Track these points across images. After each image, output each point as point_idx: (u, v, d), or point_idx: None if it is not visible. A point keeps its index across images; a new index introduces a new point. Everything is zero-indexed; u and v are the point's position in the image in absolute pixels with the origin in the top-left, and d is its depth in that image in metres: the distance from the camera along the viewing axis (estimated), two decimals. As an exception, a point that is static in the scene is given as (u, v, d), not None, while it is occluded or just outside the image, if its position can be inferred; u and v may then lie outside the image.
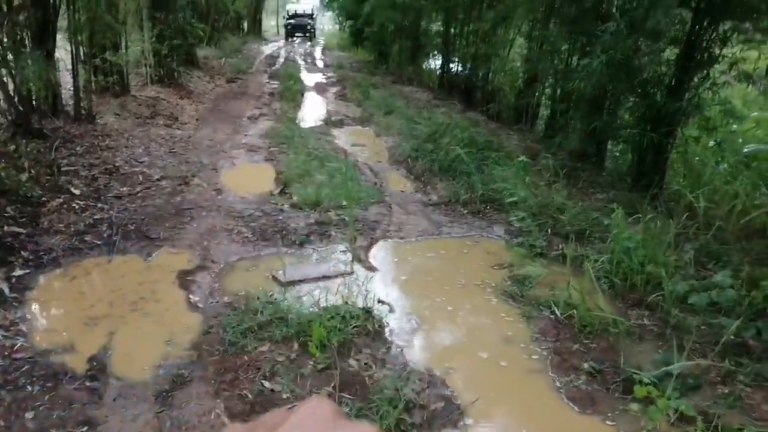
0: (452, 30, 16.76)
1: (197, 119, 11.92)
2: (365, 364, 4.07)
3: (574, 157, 9.29)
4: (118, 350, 4.21)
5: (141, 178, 8.05)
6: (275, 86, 17.08)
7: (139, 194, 7.40)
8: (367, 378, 3.92)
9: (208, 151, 9.67)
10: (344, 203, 7.03)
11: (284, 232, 6.22)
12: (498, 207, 7.19)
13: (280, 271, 5.33)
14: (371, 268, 5.54)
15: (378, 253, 5.90)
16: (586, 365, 4.16)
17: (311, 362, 4.06)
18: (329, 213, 6.74)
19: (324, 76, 20.49)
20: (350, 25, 29.99)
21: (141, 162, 8.74)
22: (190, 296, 4.93)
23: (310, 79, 19.45)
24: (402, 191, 8.09)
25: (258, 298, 4.87)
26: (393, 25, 19.46)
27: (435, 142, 9.54)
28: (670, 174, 8.58)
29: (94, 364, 4.03)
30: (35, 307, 4.70)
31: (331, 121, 12.42)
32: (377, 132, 11.62)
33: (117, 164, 8.47)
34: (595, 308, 4.66)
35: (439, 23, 17.76)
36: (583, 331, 4.55)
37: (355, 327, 4.41)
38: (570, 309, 4.72)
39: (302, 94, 15.67)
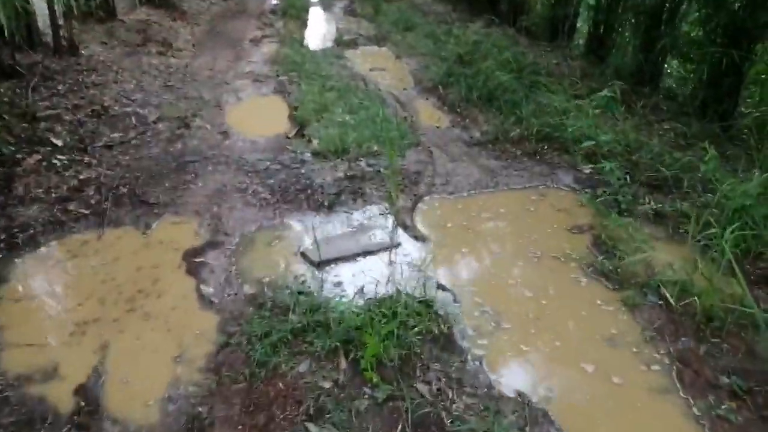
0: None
1: (194, 44, 10.46)
2: (438, 390, 3.04)
3: (626, 78, 7.90)
4: (114, 375, 3.19)
5: (134, 120, 6.83)
6: (276, 1, 15.34)
7: (133, 141, 6.22)
8: (444, 413, 2.90)
9: (209, 83, 8.36)
10: (375, 148, 5.83)
11: (309, 190, 5.07)
12: (558, 146, 5.98)
13: (311, 246, 4.24)
14: (421, 237, 4.44)
15: (425, 216, 4.78)
16: (726, 380, 3.13)
17: (367, 390, 3.03)
18: (360, 163, 5.56)
19: (328, -12, 18.54)
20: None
21: (133, 100, 7.48)
22: (202, 286, 3.87)
23: (313, -9, 17.53)
24: (437, 127, 6.85)
25: (288, 288, 3.81)
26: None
27: (469, 65, 8.16)
28: (746, 100, 7.26)
29: (84, 400, 3.02)
30: (6, 311, 3.65)
31: (343, 42, 10.92)
32: (397, 53, 10.19)
33: (106, 104, 7.22)
34: (725, 296, 3.57)
35: None
36: (708, 325, 3.49)
37: (416, 330, 3.35)
38: (687, 294, 3.65)
39: (306, 11, 13.99)
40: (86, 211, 4.74)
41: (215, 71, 8.95)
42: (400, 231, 4.52)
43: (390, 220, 4.64)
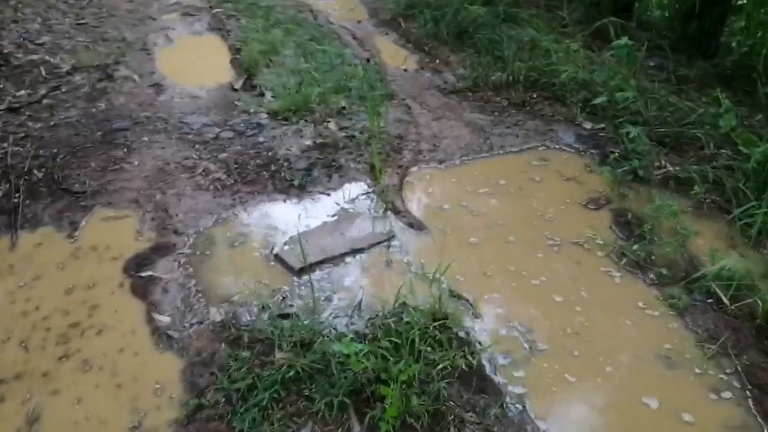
0: None
1: (107, -32, 8.80)
2: (483, 457, 2.35)
3: (605, 6, 7.06)
4: (49, 466, 2.32)
5: (43, 71, 5.55)
6: None
7: (45, 101, 5.01)
8: (497, 495, 2.22)
9: (131, 18, 6.99)
10: (343, 104, 4.87)
11: (272, 166, 4.12)
12: (549, 95, 5.18)
13: (286, 246, 3.37)
14: (417, 225, 3.63)
15: (417, 194, 3.95)
16: (812, 409, 2.57)
17: (394, 468, 2.30)
18: (329, 125, 4.61)
19: None
20: None
21: (40, 44, 6.11)
22: (154, 315, 2.96)
23: None
24: (405, 70, 5.90)
25: (265, 310, 2.96)
26: None
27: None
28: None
29: None
30: None
31: (280, -36, 9.49)
32: (344, -23, 8.90)
33: (5, 50, 5.85)
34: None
35: None
36: (774, 331, 2.92)
37: (440, 367, 2.61)
38: (743, 294, 3.05)
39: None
40: (-10, 208, 3.66)
41: (136, 3, 7.52)
42: (390, 217, 3.69)
43: (376, 202, 3.79)
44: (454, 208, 3.79)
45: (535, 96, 5.19)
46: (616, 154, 4.24)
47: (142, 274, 3.20)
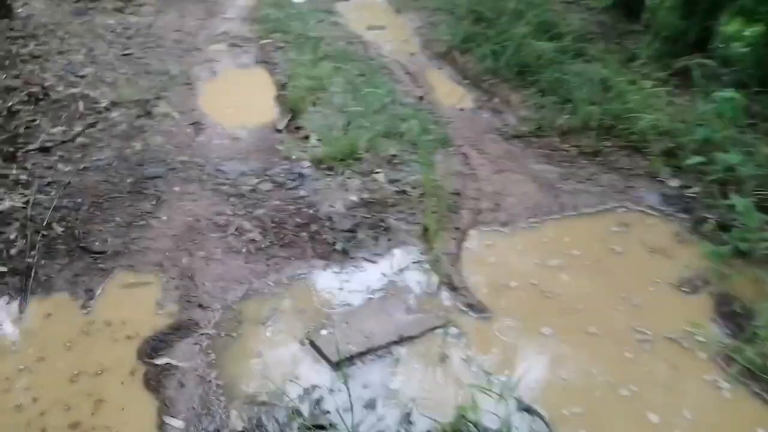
0: None
1: (158, -4, 8.59)
2: None
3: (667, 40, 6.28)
4: None
5: (82, 106, 5.22)
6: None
7: (78, 140, 4.66)
8: None
9: (177, 49, 6.66)
10: (393, 152, 4.34)
11: (313, 226, 3.61)
12: (625, 143, 4.54)
13: (323, 331, 2.83)
14: (478, 307, 3.04)
15: (477, 265, 3.37)
16: None
17: None
18: (377, 176, 4.08)
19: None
20: None
21: (82, 77, 5.81)
22: (167, 420, 2.45)
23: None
24: (461, 110, 5.34)
25: (295, 416, 2.42)
26: None
27: (489, 24, 6.55)
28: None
29: None
30: None
31: (331, -10, 9.10)
32: (396, 5, 8.46)
33: (46, 84, 5.58)
34: None
35: None
36: None
37: None
38: None
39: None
40: (2, 268, 3.25)
41: (184, 32, 7.22)
42: (446, 295, 3.11)
43: (430, 275, 3.22)
44: (521, 286, 3.19)
45: (609, 144, 4.55)
46: (713, 222, 3.56)
47: (158, 362, 2.70)
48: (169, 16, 7.76)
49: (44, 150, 4.53)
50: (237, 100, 5.55)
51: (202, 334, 2.86)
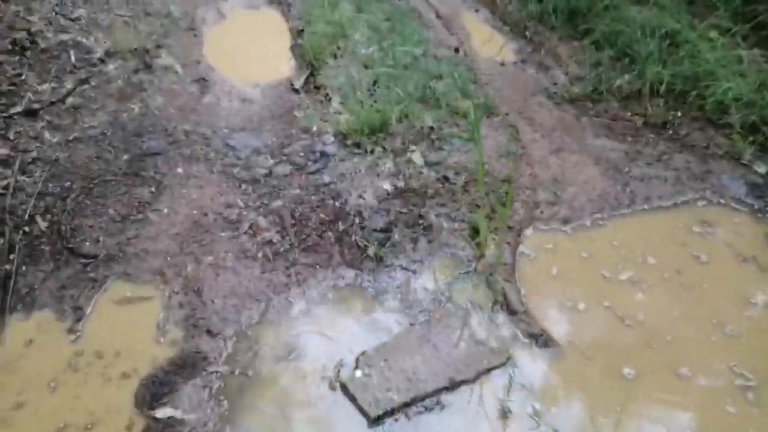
0: None
1: None
2: None
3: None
4: None
5: (73, 56, 4.50)
6: None
7: (69, 100, 3.99)
8: None
9: (179, -16, 5.77)
10: (429, 123, 3.64)
11: (340, 223, 2.99)
12: (699, 114, 3.81)
13: (358, 372, 2.29)
14: (542, 339, 2.47)
15: (537, 279, 2.76)
16: None
17: None
18: (412, 156, 3.40)
19: None
20: None
21: (74, 19, 5.02)
22: (171, 497, 1.96)
23: None
24: (502, 65, 4.57)
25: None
26: None
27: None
28: None
29: None
30: None
31: None
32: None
33: (34, 29, 4.79)
34: None
35: None
36: None
37: None
38: None
39: None
40: (-25, 277, 2.69)
41: (187, -38, 6.28)
42: (502, 317, 2.53)
43: (482, 291, 2.64)
44: (592, 309, 2.60)
45: (679, 115, 3.81)
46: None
47: (159, 415, 2.18)
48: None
49: (30, 114, 3.87)
50: (247, 49, 4.78)
51: (212, 373, 2.33)
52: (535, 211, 3.07)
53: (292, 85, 4.24)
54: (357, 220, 2.98)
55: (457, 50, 4.69)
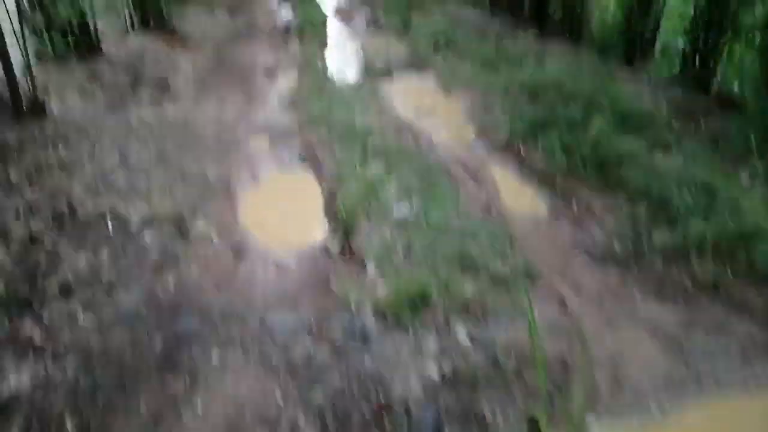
0: None
1: (195, 82, 8.05)
2: None
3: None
4: None
5: (110, 227, 4.52)
6: (288, 13, 12.78)
7: (103, 276, 3.92)
8: None
9: (215, 145, 6.02)
10: (469, 295, 3.48)
11: (385, 419, 2.73)
12: (750, 270, 3.60)
13: None
14: None
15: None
16: None
17: None
18: (457, 335, 3.21)
19: (341, -8, 15.91)
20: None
21: (113, 187, 5.14)
22: None
23: (326, -2, 14.93)
24: (535, 223, 4.48)
25: None
26: None
27: (558, 105, 5.74)
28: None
29: None
30: None
31: (374, 70, 8.44)
32: (444, 84, 7.74)
33: (73, 198, 4.90)
34: None
35: None
36: None
37: None
38: None
39: (324, 24, 11.36)
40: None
41: (222, 125, 6.58)
42: None
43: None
44: None
45: (730, 273, 3.62)
46: None
47: None
48: (207, 106, 7.16)
49: (64, 293, 3.81)
50: (281, 213, 4.80)
51: None
52: (595, 399, 2.80)
53: (327, 250, 4.18)
54: (404, 416, 2.73)
55: (489, 210, 4.65)
